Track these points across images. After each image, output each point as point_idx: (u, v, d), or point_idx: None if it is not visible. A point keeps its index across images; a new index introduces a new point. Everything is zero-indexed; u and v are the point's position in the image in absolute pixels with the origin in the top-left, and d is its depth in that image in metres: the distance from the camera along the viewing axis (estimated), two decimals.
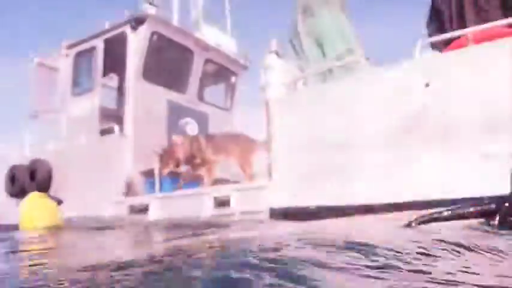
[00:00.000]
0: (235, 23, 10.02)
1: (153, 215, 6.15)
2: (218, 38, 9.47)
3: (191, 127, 8.80)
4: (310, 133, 4.73)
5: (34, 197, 6.74)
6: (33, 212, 6.52)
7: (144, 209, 6.24)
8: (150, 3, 8.02)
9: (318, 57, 5.34)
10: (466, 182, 3.76)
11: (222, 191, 5.49)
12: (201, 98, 9.19)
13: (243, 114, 10.09)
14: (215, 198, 5.45)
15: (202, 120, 9.01)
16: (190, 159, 6.35)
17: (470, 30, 4.01)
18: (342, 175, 4.44)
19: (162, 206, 6.06)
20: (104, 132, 7.84)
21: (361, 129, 4.39)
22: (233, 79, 9.96)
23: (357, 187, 4.33)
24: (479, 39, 3.99)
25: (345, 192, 4.38)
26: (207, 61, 9.17)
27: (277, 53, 6.47)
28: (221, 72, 9.76)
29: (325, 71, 5.25)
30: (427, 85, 4.08)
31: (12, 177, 8.42)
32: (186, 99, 8.76)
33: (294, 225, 3.98)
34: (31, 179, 7.98)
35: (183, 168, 6.54)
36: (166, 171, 6.24)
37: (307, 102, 4.88)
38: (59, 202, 6.70)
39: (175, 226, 5.00)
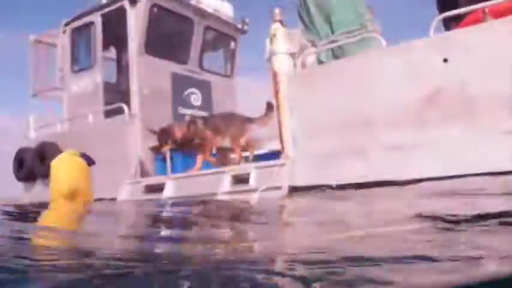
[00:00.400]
0: None
1: (167, 193, 6.26)
2: (215, 3, 9.31)
3: (195, 97, 8.82)
4: (327, 111, 4.79)
5: (69, 157, 6.07)
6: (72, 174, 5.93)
7: (159, 189, 6.34)
8: None
9: (328, 32, 5.29)
10: (487, 158, 3.87)
11: (241, 169, 5.56)
12: (201, 66, 9.13)
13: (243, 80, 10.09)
14: (233, 176, 5.54)
15: (205, 89, 9.01)
16: (188, 141, 6.40)
17: (487, 4, 4.00)
18: (361, 153, 4.54)
19: (178, 186, 6.15)
20: (110, 112, 7.86)
21: (379, 106, 4.46)
22: (232, 45, 9.87)
23: (377, 164, 4.44)
24: (495, 13, 4.00)
25: (365, 170, 4.49)
26: (207, 28, 9.06)
27: (281, 22, 6.41)
28: (220, 38, 9.66)
29: (335, 46, 5.22)
30: (445, 60, 4.12)
31: (20, 161, 8.42)
32: (188, 69, 8.72)
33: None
34: (41, 162, 7.97)
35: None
36: (165, 149, 6.28)
37: (323, 79, 4.90)
38: (91, 163, 6.18)
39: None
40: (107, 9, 8.07)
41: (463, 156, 4.00)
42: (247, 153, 7.16)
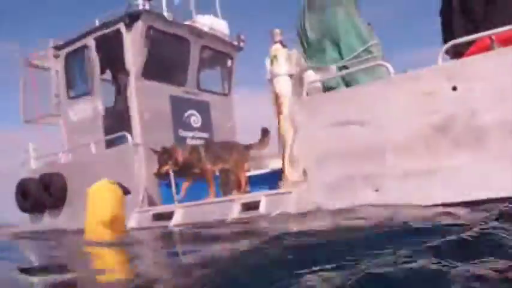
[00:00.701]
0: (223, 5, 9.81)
1: (176, 221, 6.21)
2: (211, 22, 9.27)
3: (194, 119, 8.76)
4: (336, 137, 4.77)
5: (108, 185, 6.04)
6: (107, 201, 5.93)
7: (167, 216, 6.29)
8: None
9: (336, 57, 5.28)
10: (496, 185, 3.88)
11: (250, 197, 5.56)
12: (199, 86, 9.07)
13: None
14: (243, 204, 5.51)
15: (203, 109, 8.98)
16: (189, 168, 6.38)
17: (496, 32, 4.01)
18: (371, 181, 4.53)
19: (187, 213, 6.11)
20: (111, 142, 7.80)
21: (389, 134, 4.45)
22: (229, 62, 9.83)
23: (387, 192, 4.43)
24: (502, 40, 4.02)
25: (375, 198, 4.48)
26: (203, 48, 9.02)
27: (282, 43, 6.40)
28: (217, 57, 9.62)
29: (342, 71, 5.22)
30: (454, 88, 4.12)
31: (23, 192, 8.33)
32: (186, 91, 8.66)
33: None
34: (47, 193, 7.92)
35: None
36: (164, 169, 6.23)
37: (332, 106, 4.88)
38: (126, 192, 6.17)
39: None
40: (101, 32, 7.98)
41: (473, 183, 4.00)
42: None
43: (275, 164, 7.70)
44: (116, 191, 5.99)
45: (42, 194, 7.99)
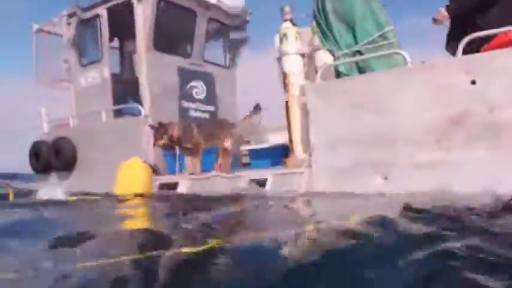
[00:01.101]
0: None
1: (181, 190, 6.07)
2: None
3: (198, 90, 8.42)
4: (348, 124, 4.51)
5: (139, 163, 6.36)
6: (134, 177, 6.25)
7: (173, 186, 6.14)
8: None
9: (351, 42, 4.95)
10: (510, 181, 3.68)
11: (258, 174, 5.32)
12: (203, 58, 8.68)
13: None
14: (251, 180, 5.29)
15: (208, 81, 8.59)
16: (181, 142, 6.24)
17: None
18: (381, 169, 4.31)
19: (192, 185, 5.93)
20: (119, 111, 7.51)
21: (403, 124, 4.19)
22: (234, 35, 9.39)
23: (397, 182, 4.23)
24: None
25: (384, 186, 4.29)
26: (210, 20, 8.55)
27: (292, 21, 6.04)
28: (222, 29, 9.17)
29: (356, 56, 4.91)
30: (473, 82, 3.87)
31: (36, 154, 8.14)
32: (192, 62, 8.27)
33: None
34: (56, 157, 7.74)
35: None
36: (160, 143, 6.10)
37: (346, 92, 4.59)
38: (155, 170, 6.50)
39: None
40: (113, 3, 7.53)
41: (487, 177, 3.80)
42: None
43: (275, 139, 7.51)
44: (147, 169, 6.32)
45: (52, 157, 7.84)
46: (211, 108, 8.39)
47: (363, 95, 4.43)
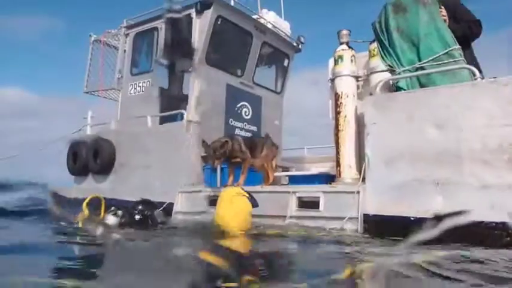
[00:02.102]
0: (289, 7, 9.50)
1: None
2: (274, 20, 8.96)
3: (246, 111, 8.44)
4: (409, 139, 4.26)
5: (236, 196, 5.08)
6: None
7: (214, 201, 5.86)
8: None
9: (413, 59, 4.79)
10: None
11: (309, 191, 5.04)
12: (254, 80, 8.73)
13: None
14: (299, 198, 5.01)
15: (256, 103, 8.63)
16: (233, 157, 6.01)
17: None
18: (444, 189, 4.01)
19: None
20: (165, 118, 7.51)
21: (469, 142, 3.93)
22: (286, 62, 9.47)
23: (462, 202, 3.90)
24: None
25: (447, 206, 3.96)
26: (264, 44, 8.67)
27: (348, 44, 5.97)
28: (275, 54, 9.26)
29: (418, 74, 4.72)
30: None
31: (74, 155, 8.10)
32: (242, 82, 8.33)
33: None
34: (94, 159, 7.65)
35: None
36: (217, 163, 5.76)
37: (406, 107, 4.37)
38: (255, 205, 5.18)
39: None
40: (172, 15, 7.74)
41: None
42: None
43: (317, 169, 7.24)
44: (248, 203, 5.12)
45: (90, 158, 7.72)
46: (253, 128, 8.34)
47: (425, 108, 4.21)
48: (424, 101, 4.28)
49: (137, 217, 4.89)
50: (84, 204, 5.52)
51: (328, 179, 5.96)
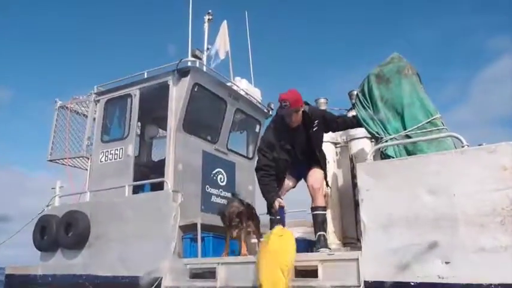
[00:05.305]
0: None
1: (222, 282, 5.54)
2: (247, 87, 9.34)
3: (221, 177, 8.55)
4: (404, 205, 4.52)
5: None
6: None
7: (208, 274, 5.71)
8: (195, 56, 7.87)
9: (398, 128, 5.18)
10: None
11: (306, 260, 5.04)
12: (227, 147, 8.92)
13: None
14: (296, 268, 4.92)
15: (230, 170, 8.79)
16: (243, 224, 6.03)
17: None
18: (442, 252, 4.24)
19: (234, 272, 5.48)
20: (138, 186, 7.50)
21: (461, 205, 4.23)
22: (257, 128, 9.78)
23: (461, 267, 4.13)
24: None
25: (446, 271, 4.17)
26: (237, 110, 8.97)
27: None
28: (247, 121, 9.57)
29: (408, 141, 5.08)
30: None
31: (42, 229, 7.70)
32: (217, 148, 8.49)
33: None
34: (66, 232, 7.29)
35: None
36: (235, 233, 5.77)
37: (400, 174, 4.68)
38: None
39: None
40: (147, 84, 7.91)
41: None
42: None
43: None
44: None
45: (61, 232, 7.34)
46: (229, 195, 8.41)
47: (417, 174, 4.52)
48: (414, 167, 4.60)
49: None
50: None
51: (307, 245, 6.04)
